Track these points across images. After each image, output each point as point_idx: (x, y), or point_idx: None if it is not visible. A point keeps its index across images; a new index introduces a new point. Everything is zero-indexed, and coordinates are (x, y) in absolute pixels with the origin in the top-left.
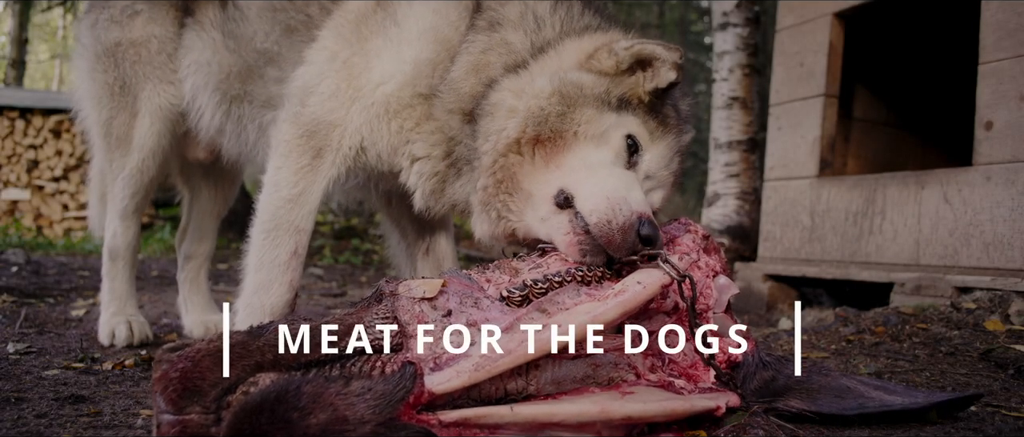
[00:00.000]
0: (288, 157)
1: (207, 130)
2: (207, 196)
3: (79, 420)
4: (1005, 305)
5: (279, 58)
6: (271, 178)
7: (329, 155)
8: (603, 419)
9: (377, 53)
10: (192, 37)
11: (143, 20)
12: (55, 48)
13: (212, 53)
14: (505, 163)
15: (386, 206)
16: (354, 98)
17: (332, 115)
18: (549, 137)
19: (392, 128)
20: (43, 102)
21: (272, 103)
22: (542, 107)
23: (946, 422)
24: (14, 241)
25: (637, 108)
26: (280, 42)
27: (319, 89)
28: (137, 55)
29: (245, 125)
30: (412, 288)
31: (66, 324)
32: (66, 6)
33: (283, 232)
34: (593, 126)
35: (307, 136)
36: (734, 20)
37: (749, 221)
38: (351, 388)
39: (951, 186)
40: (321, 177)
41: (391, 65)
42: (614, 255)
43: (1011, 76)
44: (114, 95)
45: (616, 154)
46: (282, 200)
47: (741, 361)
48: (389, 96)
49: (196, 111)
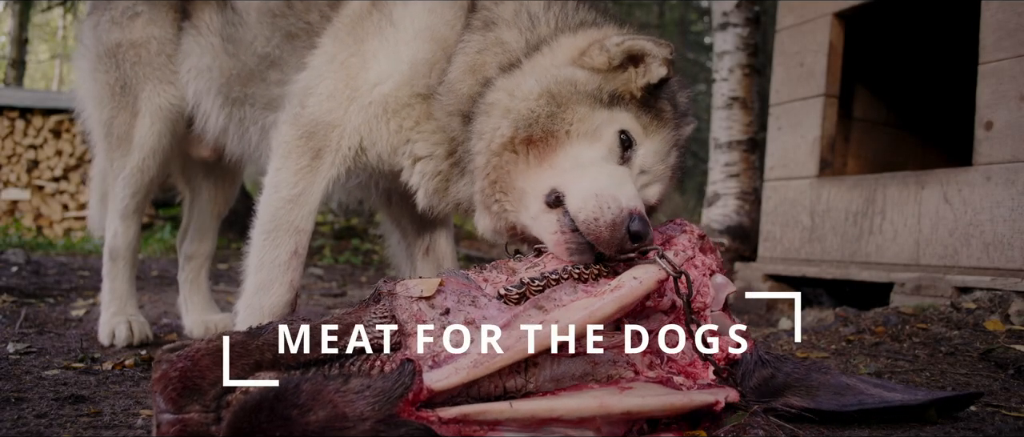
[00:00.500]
0: (287, 158)
1: (212, 132)
2: (207, 197)
3: (79, 420)
4: (1005, 305)
5: (281, 62)
6: (271, 179)
7: (328, 156)
8: (602, 413)
9: (374, 54)
10: (190, 42)
11: (143, 21)
12: (55, 48)
13: (212, 58)
14: (499, 163)
15: (386, 206)
16: (351, 98)
17: (330, 116)
18: (541, 137)
19: (391, 128)
20: (43, 102)
21: (274, 105)
22: (532, 109)
23: (946, 422)
24: (14, 241)
25: (630, 103)
26: (281, 47)
27: (317, 90)
28: (137, 56)
29: (247, 127)
30: (410, 288)
31: (66, 324)
32: (66, 6)
33: (283, 233)
34: (585, 124)
35: (306, 137)
36: (734, 20)
37: (749, 221)
38: (350, 386)
39: (951, 186)
40: (320, 177)
41: (388, 65)
42: (604, 252)
43: (1011, 76)
44: (115, 95)
45: (609, 150)
46: (282, 201)
47: (740, 359)
48: (387, 96)
49: (202, 115)
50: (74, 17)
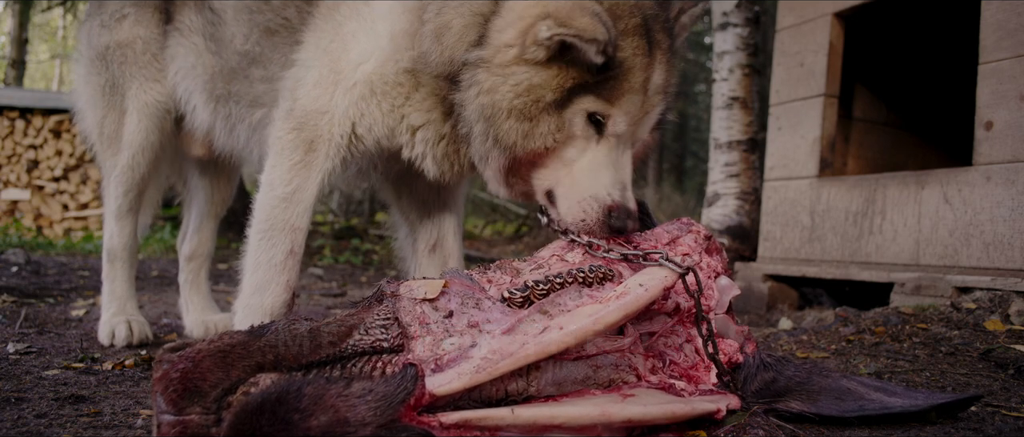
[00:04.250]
0: (281, 155)
1: (202, 130)
2: (205, 197)
3: (79, 420)
4: (1005, 305)
5: (262, 58)
6: (266, 177)
7: (322, 147)
8: (604, 422)
9: (353, 34)
10: (175, 43)
11: (130, 23)
12: (55, 48)
13: (196, 57)
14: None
15: (396, 199)
16: (336, 82)
17: (318, 103)
18: (527, 158)
19: (383, 108)
20: (43, 102)
21: (260, 101)
22: (507, 132)
23: (946, 422)
24: (14, 241)
25: (589, 85)
26: (261, 43)
27: (305, 81)
28: (123, 56)
29: (234, 124)
30: (413, 289)
31: (66, 324)
32: (66, 6)
33: (278, 232)
34: (560, 132)
35: (298, 130)
36: (734, 20)
37: (749, 221)
38: (352, 390)
39: (951, 186)
40: (315, 172)
41: (368, 43)
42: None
43: (1011, 76)
44: (104, 95)
45: (585, 137)
46: (277, 199)
47: (742, 362)
48: (371, 75)
49: (190, 113)
50: (74, 17)
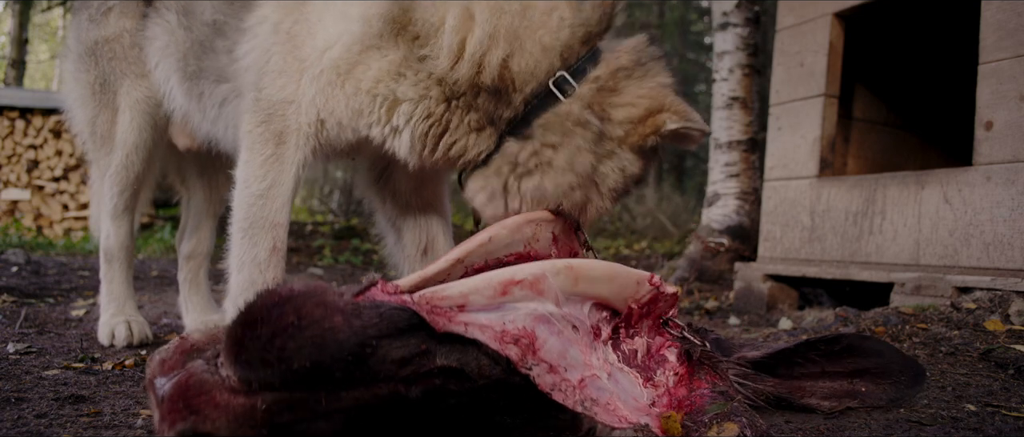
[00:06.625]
0: (252, 149)
1: (180, 112)
2: (203, 196)
3: (79, 420)
4: (1005, 305)
5: (226, 28)
6: (240, 173)
7: (291, 138)
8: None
9: (319, 16)
10: (152, 25)
11: (116, 15)
12: (55, 48)
13: (170, 35)
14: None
15: (381, 204)
16: (301, 70)
17: (283, 92)
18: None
19: (347, 91)
20: (43, 102)
21: (225, 76)
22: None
23: (946, 422)
24: (14, 241)
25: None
26: (225, 12)
27: (268, 68)
28: (112, 51)
29: (205, 102)
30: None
31: (66, 324)
32: (66, 6)
33: (259, 229)
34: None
35: (266, 122)
36: (734, 20)
37: (749, 221)
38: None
39: (951, 186)
40: (288, 164)
41: (336, 25)
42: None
43: (1011, 76)
44: (95, 93)
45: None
46: (253, 196)
47: None
48: (337, 60)
49: (169, 97)
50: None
